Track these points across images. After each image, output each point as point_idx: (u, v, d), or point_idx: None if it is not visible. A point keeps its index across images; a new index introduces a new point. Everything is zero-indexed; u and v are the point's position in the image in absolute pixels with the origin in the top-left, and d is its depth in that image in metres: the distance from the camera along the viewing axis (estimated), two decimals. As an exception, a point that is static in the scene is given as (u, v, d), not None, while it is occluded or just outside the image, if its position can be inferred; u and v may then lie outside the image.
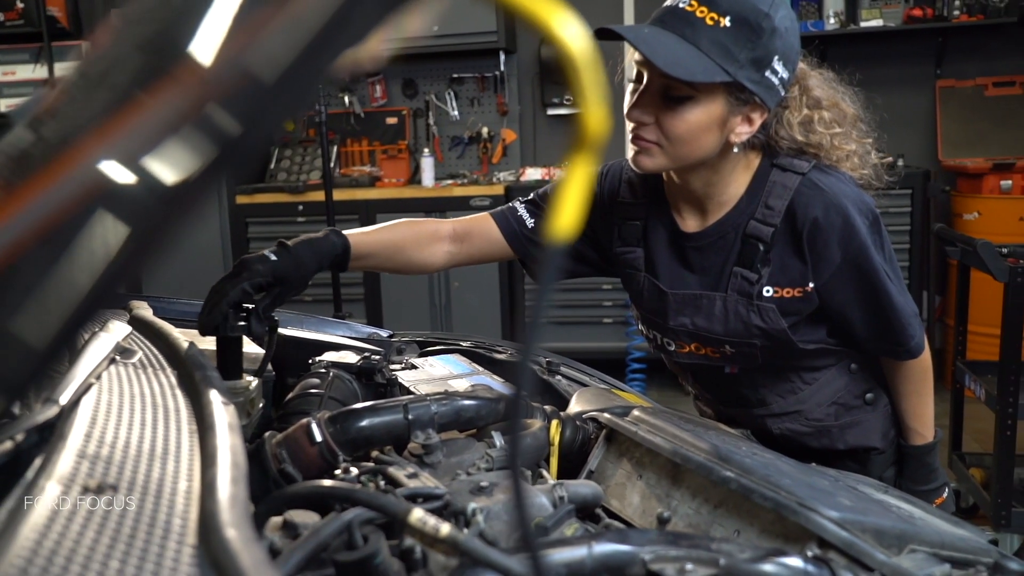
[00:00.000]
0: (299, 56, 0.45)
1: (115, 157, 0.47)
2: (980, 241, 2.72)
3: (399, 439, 1.02)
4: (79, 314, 0.51)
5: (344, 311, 3.74)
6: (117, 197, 0.47)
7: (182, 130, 0.46)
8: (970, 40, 4.61)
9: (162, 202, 0.48)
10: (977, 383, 2.88)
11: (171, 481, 0.62)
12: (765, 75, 1.21)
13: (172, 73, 0.48)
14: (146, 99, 0.48)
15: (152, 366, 0.93)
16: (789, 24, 1.23)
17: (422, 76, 5.13)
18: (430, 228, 1.50)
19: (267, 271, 1.19)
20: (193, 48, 0.48)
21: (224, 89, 0.46)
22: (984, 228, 4.10)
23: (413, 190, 4.79)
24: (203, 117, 0.46)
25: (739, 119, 1.25)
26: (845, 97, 1.36)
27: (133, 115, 0.48)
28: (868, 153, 1.37)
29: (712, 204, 1.36)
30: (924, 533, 0.92)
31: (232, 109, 0.46)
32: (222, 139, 0.46)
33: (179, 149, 0.46)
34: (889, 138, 4.94)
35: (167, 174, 0.46)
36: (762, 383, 1.41)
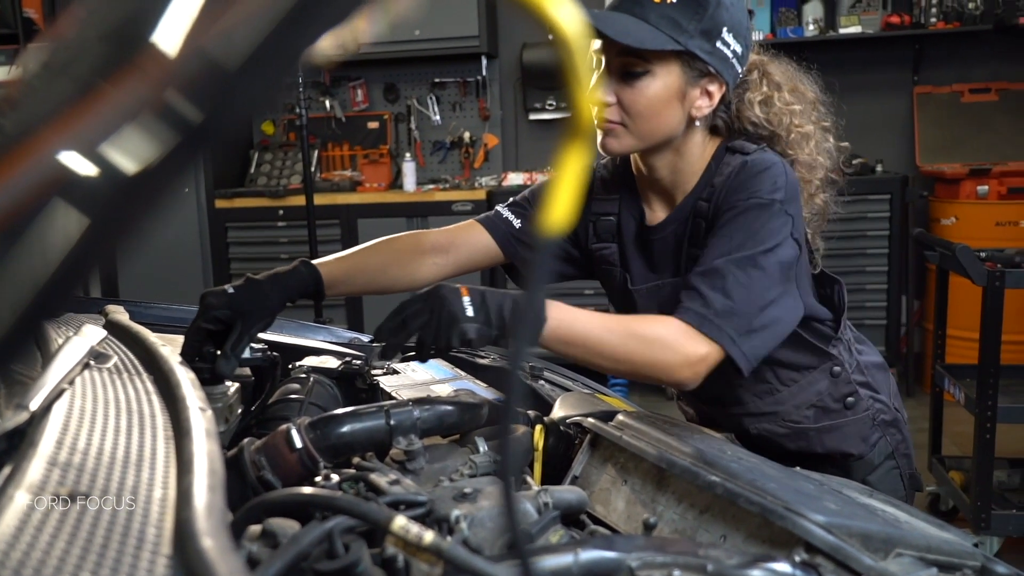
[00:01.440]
0: (263, 42, 0.44)
1: (75, 147, 0.46)
2: (959, 245, 2.74)
3: (381, 445, 1.01)
4: (39, 307, 0.49)
5: (325, 317, 3.72)
6: (77, 187, 0.46)
7: (142, 118, 0.45)
8: (947, 47, 4.66)
9: (123, 192, 0.46)
10: (956, 386, 2.90)
11: (146, 489, 0.60)
12: (716, 46, 1.25)
13: (135, 62, 0.46)
14: (108, 89, 0.46)
15: (128, 371, 0.91)
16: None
17: (404, 80, 5.12)
18: (410, 243, 1.48)
19: (222, 304, 1.18)
20: (157, 37, 0.46)
21: (185, 76, 0.45)
22: (961, 233, 4.13)
23: (394, 195, 4.76)
24: (163, 104, 0.44)
25: (698, 92, 1.28)
26: (804, 81, 1.39)
27: (94, 105, 0.46)
28: (826, 138, 1.39)
29: (679, 193, 1.37)
30: (910, 537, 0.91)
31: (193, 96, 0.44)
32: (183, 127, 0.44)
33: (139, 137, 0.44)
34: (868, 144, 5.01)
35: (127, 163, 0.45)
36: (738, 382, 1.39)
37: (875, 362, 1.46)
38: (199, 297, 1.21)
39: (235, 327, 1.18)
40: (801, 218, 1.28)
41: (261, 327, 1.22)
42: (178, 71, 0.44)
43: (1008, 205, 4.21)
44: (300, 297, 1.31)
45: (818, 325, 1.37)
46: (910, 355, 4.58)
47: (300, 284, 1.30)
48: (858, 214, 4.34)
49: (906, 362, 4.55)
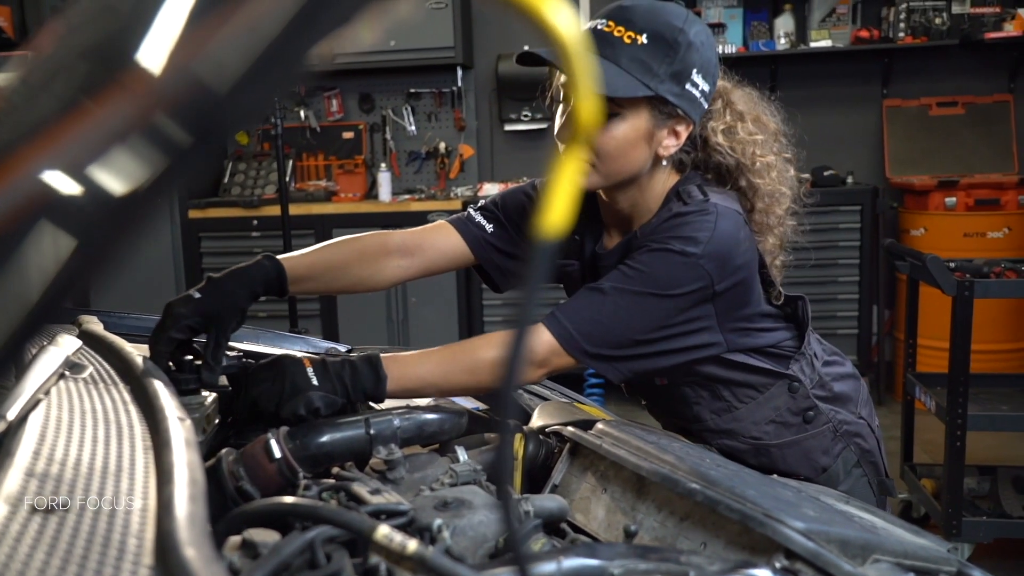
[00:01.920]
0: (254, 65, 0.43)
1: (60, 167, 0.45)
2: (929, 256, 2.78)
3: (361, 455, 1.00)
4: (23, 329, 0.48)
5: (300, 327, 3.69)
6: (62, 209, 0.45)
7: (130, 140, 0.44)
8: (915, 61, 4.75)
9: (110, 214, 0.45)
10: (927, 395, 2.94)
11: (125, 499, 0.59)
12: (686, 88, 1.25)
13: (119, 81, 0.46)
14: (92, 108, 0.46)
15: (104, 381, 0.90)
16: (704, 39, 1.27)
17: (379, 91, 5.11)
18: (376, 242, 1.45)
19: (190, 312, 1.16)
20: (141, 56, 0.46)
21: (175, 99, 0.45)
22: (930, 244, 4.20)
23: (370, 205, 4.75)
24: (153, 128, 0.44)
25: (665, 132, 1.28)
26: (766, 111, 1.40)
27: (79, 124, 0.46)
28: (788, 169, 1.40)
29: (636, 224, 1.37)
30: (888, 543, 0.92)
31: (183, 120, 0.44)
32: (172, 150, 0.44)
33: (127, 160, 0.44)
34: (839, 156, 5.07)
35: (114, 184, 0.44)
36: (694, 399, 1.40)
37: (844, 372, 1.47)
38: (164, 307, 1.18)
39: (210, 334, 1.16)
40: (734, 268, 1.25)
41: (234, 327, 1.20)
42: (167, 93, 0.43)
43: (975, 216, 4.29)
44: (265, 291, 1.28)
45: (773, 349, 1.38)
46: (881, 364, 4.64)
47: (264, 277, 1.27)
48: (829, 225, 4.39)
49: (877, 371, 4.60)
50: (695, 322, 1.26)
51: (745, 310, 1.32)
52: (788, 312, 1.41)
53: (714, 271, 1.23)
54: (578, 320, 1.22)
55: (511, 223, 1.50)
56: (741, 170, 1.34)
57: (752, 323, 1.33)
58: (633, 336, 1.23)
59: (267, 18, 0.44)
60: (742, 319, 1.31)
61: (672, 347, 1.27)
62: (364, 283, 1.45)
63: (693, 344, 1.29)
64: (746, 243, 1.28)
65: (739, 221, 1.28)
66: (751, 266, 1.30)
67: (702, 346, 1.29)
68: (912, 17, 4.56)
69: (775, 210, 1.36)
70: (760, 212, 1.36)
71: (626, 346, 1.23)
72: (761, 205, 1.35)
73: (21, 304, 0.47)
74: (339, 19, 0.43)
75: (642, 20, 1.23)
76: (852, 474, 1.44)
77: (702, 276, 1.22)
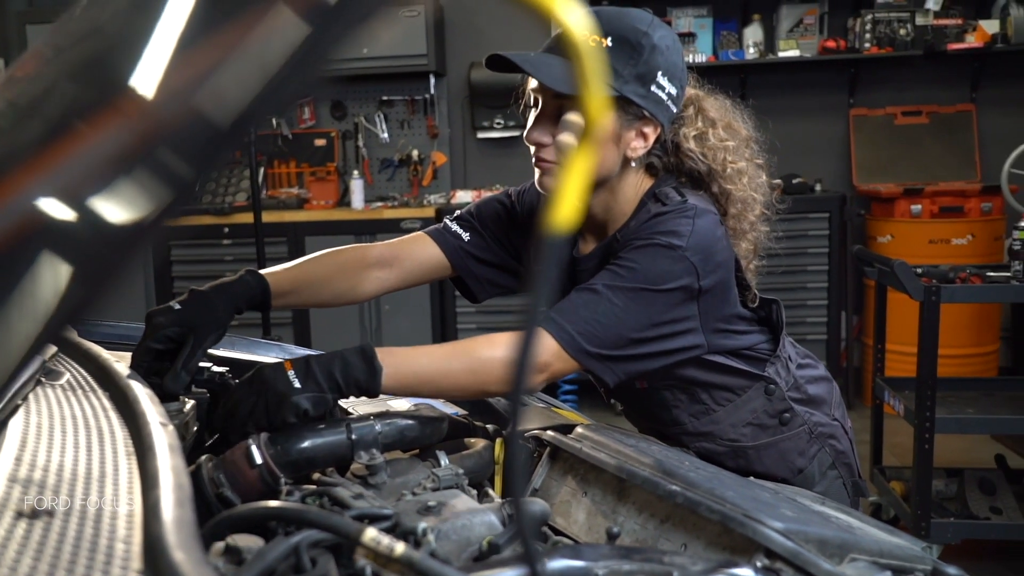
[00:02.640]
0: (256, 99, 0.43)
1: (56, 193, 0.45)
2: (897, 261, 2.82)
3: (342, 460, 1.00)
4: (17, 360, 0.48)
5: (273, 335, 3.66)
6: (58, 235, 0.45)
7: (130, 170, 0.44)
8: (880, 71, 4.83)
9: (108, 243, 0.45)
10: (896, 399, 2.98)
11: (111, 505, 0.59)
12: (651, 90, 1.27)
13: (114, 105, 0.46)
14: (87, 132, 0.45)
15: (81, 388, 0.89)
16: (670, 43, 1.29)
17: (351, 98, 5.10)
18: (355, 256, 1.47)
19: (170, 321, 1.15)
20: (135, 80, 0.45)
21: (176, 131, 0.44)
22: (897, 250, 4.27)
23: (342, 212, 4.73)
24: (155, 160, 0.44)
25: (633, 134, 1.30)
26: (738, 119, 1.42)
27: (74, 148, 0.45)
28: (759, 174, 1.42)
29: (611, 229, 1.39)
30: (864, 542, 0.94)
31: (186, 153, 0.44)
32: (175, 182, 0.44)
33: (128, 190, 0.44)
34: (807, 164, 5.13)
35: (115, 215, 0.44)
36: (673, 403, 1.42)
37: (817, 375, 1.49)
38: (145, 317, 1.17)
39: (186, 343, 1.15)
40: (715, 265, 1.27)
41: (213, 340, 1.19)
42: (168, 124, 0.43)
43: (940, 223, 4.37)
44: (248, 307, 1.29)
45: (750, 352, 1.39)
46: (850, 369, 4.70)
47: (247, 293, 1.28)
48: (799, 232, 4.45)
49: (846, 376, 4.66)
50: (683, 322, 1.27)
51: (724, 311, 1.33)
52: (763, 315, 1.43)
53: (699, 264, 1.24)
54: (576, 320, 1.21)
55: (487, 231, 1.51)
56: (713, 176, 1.36)
57: (730, 325, 1.35)
58: (629, 335, 1.23)
59: (270, 50, 0.44)
60: (722, 320, 1.33)
61: (664, 348, 1.28)
62: (344, 296, 1.47)
63: (681, 346, 1.30)
64: (724, 241, 1.30)
65: (716, 220, 1.30)
66: (729, 265, 1.32)
67: (689, 348, 1.31)
68: (877, 28, 4.64)
69: (747, 215, 1.38)
70: (733, 217, 1.37)
71: (623, 346, 1.23)
72: (734, 210, 1.36)
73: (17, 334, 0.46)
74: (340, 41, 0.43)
75: (607, 24, 1.26)
76: (827, 475, 1.46)
77: (689, 270, 1.23)
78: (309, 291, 1.41)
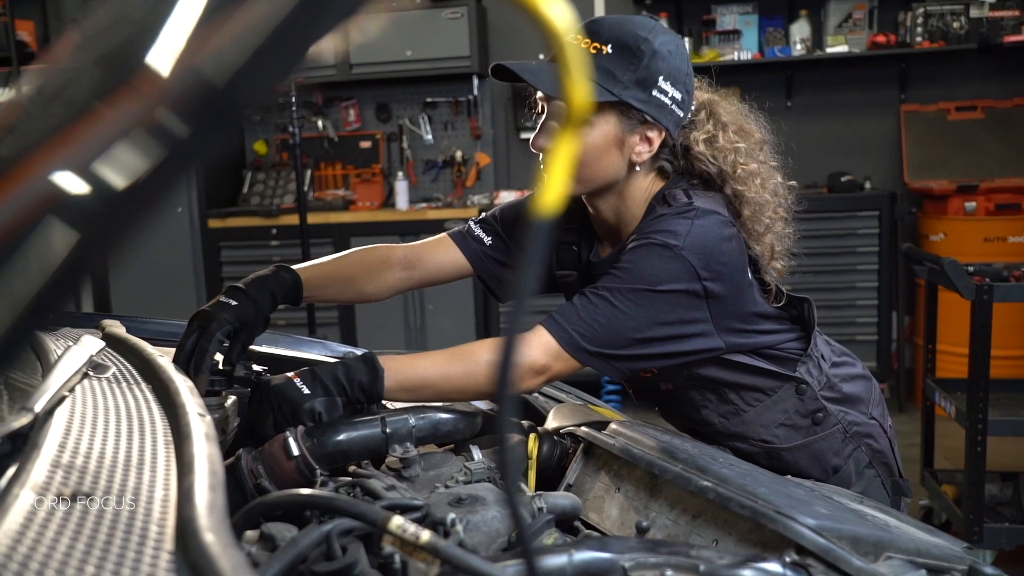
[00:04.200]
0: (252, 56, 0.45)
1: (69, 167, 0.47)
2: (947, 260, 2.76)
3: (377, 453, 1.02)
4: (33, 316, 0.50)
5: (319, 334, 3.72)
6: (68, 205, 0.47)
7: (132, 134, 0.46)
8: (932, 66, 4.73)
9: (112, 206, 0.47)
10: (947, 400, 2.92)
11: (147, 489, 0.61)
12: (653, 94, 1.28)
13: (130, 84, 0.48)
14: (103, 110, 0.47)
15: (126, 380, 0.92)
16: (673, 48, 1.30)
17: (396, 100, 5.15)
18: (381, 256, 1.53)
19: (233, 318, 1.23)
20: (151, 59, 0.47)
21: (175, 92, 0.46)
22: (950, 249, 4.17)
23: (387, 213, 4.78)
24: (153, 120, 0.46)
25: (636, 138, 1.31)
26: (751, 122, 1.42)
27: (89, 126, 0.47)
28: (773, 176, 1.41)
29: (625, 234, 1.39)
30: (900, 541, 0.93)
31: (181, 111, 0.46)
32: (171, 141, 0.46)
33: (128, 153, 0.46)
34: (856, 161, 5.05)
35: (117, 178, 0.46)
36: (701, 403, 1.41)
37: (854, 373, 1.47)
38: (205, 311, 1.24)
39: (238, 337, 1.25)
40: (720, 265, 1.26)
41: (258, 333, 1.29)
42: (169, 88, 0.45)
43: (996, 221, 4.26)
44: (283, 300, 1.36)
45: (777, 352, 1.38)
46: (901, 370, 4.61)
47: (282, 287, 1.36)
48: (847, 231, 4.38)
49: (898, 377, 4.57)
50: (693, 324, 1.27)
51: (742, 310, 1.33)
52: (794, 314, 1.42)
53: (697, 264, 1.24)
54: (576, 321, 1.24)
55: (509, 235, 1.54)
56: (724, 177, 1.35)
57: (749, 324, 1.34)
58: (632, 334, 1.25)
59: (266, 12, 0.45)
60: (739, 319, 1.33)
61: (671, 349, 1.29)
62: (367, 293, 1.54)
63: (694, 348, 1.30)
64: (731, 243, 1.29)
65: (721, 221, 1.29)
66: (739, 266, 1.31)
67: (703, 350, 1.31)
68: (930, 21, 4.54)
69: (762, 217, 1.36)
70: (748, 219, 1.37)
71: (625, 345, 1.25)
72: (748, 212, 1.36)
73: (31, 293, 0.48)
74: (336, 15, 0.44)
75: (608, 32, 1.27)
76: (864, 475, 1.44)
77: (687, 269, 1.24)
78: (336, 287, 1.50)
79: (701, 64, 3.01)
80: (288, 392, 1.08)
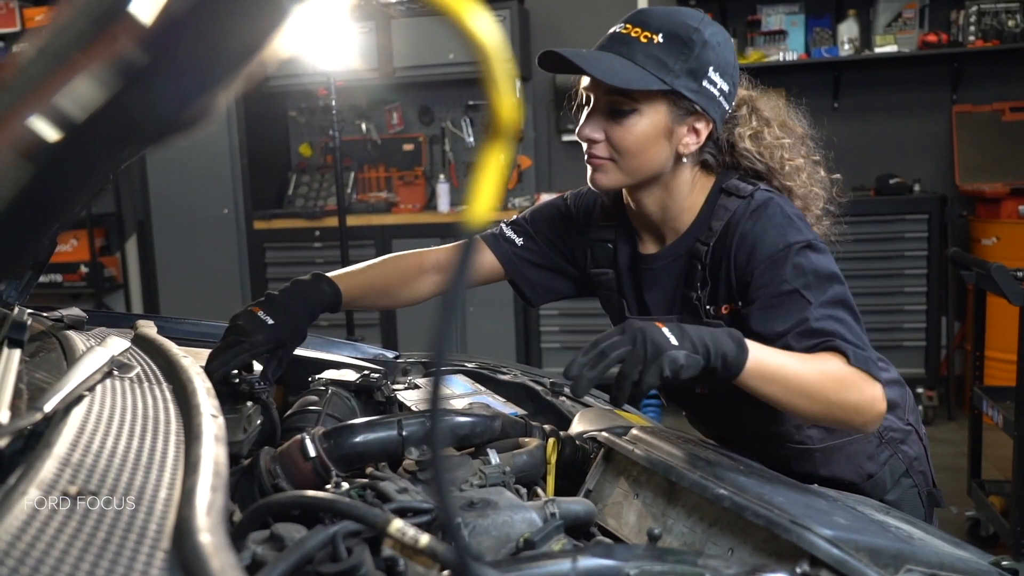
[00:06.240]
0: None
1: (42, 111, 0.47)
2: (994, 264, 2.69)
3: (393, 455, 1.02)
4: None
5: (357, 335, 3.76)
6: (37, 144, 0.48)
7: (91, 68, 0.46)
8: (986, 65, 4.60)
9: (75, 139, 0.48)
10: (995, 409, 2.84)
11: (152, 489, 0.63)
12: (703, 84, 1.27)
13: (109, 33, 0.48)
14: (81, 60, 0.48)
15: (149, 380, 0.94)
16: (721, 39, 1.29)
17: (438, 103, 5.18)
18: (414, 263, 1.54)
19: (266, 340, 1.27)
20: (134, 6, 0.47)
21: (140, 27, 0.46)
22: (1003, 253, 4.05)
23: (429, 216, 4.82)
24: (113, 52, 0.46)
25: (684, 129, 1.30)
26: (793, 117, 1.41)
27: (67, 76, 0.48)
28: (817, 171, 1.41)
29: (668, 230, 1.38)
30: (922, 553, 0.90)
31: (138, 40, 0.46)
32: (128, 71, 0.46)
33: (87, 85, 0.46)
34: (905, 163, 4.92)
35: (77, 111, 0.46)
36: (736, 404, 1.39)
37: (889, 378, 1.43)
38: (241, 327, 1.27)
39: (274, 356, 1.29)
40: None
41: (294, 350, 1.34)
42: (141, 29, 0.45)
43: (1051, 225, 4.13)
44: (323, 311, 1.39)
45: None
46: (951, 377, 4.49)
47: (323, 303, 1.39)
48: (896, 234, 4.28)
49: (947, 384, 4.45)
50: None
51: None
52: None
53: (815, 237, 1.27)
54: (859, 340, 1.18)
55: (541, 236, 1.53)
56: (772, 173, 1.35)
57: None
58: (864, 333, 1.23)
59: None
60: None
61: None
62: (402, 302, 1.57)
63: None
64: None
65: (786, 200, 1.32)
66: None
67: None
68: (983, 20, 4.42)
69: (812, 209, 1.37)
70: None
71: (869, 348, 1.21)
72: (799, 204, 1.35)
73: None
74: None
75: (658, 21, 1.27)
76: (900, 483, 1.41)
77: (826, 250, 1.26)
78: (373, 297, 1.53)
79: (746, 65, 2.99)
80: (655, 336, 1.02)
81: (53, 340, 1.10)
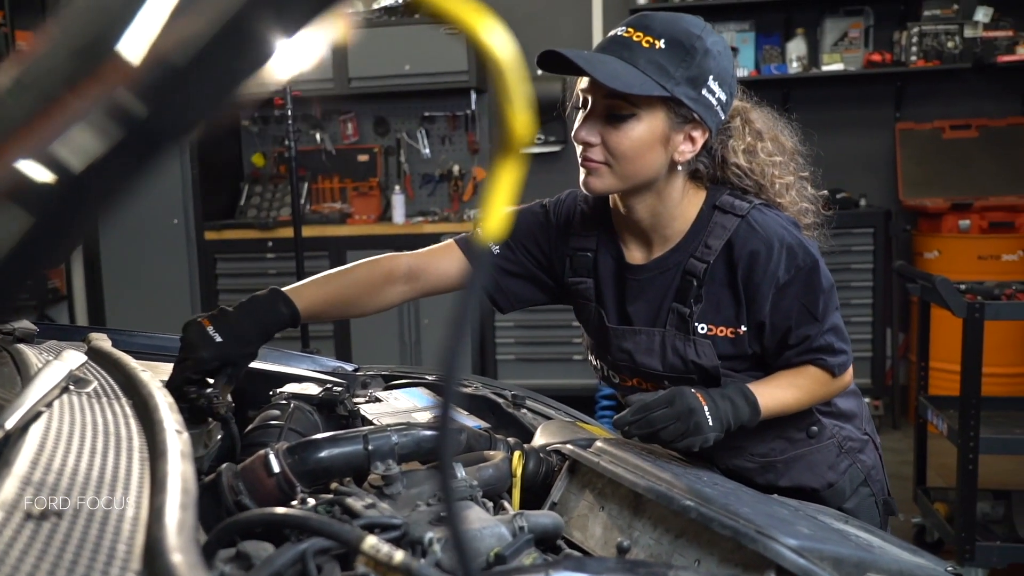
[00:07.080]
0: (214, 38, 0.45)
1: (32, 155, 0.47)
2: (938, 278, 2.77)
3: (359, 470, 1.01)
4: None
5: (312, 347, 3.71)
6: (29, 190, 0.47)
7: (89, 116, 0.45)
8: (927, 84, 4.75)
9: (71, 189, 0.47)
10: (939, 418, 2.91)
11: (118, 507, 0.61)
12: (702, 93, 1.27)
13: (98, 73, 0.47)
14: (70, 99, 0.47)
15: (107, 395, 0.92)
16: (721, 48, 1.30)
17: (393, 114, 5.16)
18: (384, 271, 1.49)
19: (211, 357, 1.22)
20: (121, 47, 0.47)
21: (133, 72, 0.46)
22: (944, 266, 4.18)
23: (384, 227, 4.79)
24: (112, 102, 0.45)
25: (681, 137, 1.30)
26: (784, 131, 1.43)
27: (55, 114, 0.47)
28: (805, 187, 1.43)
29: (657, 237, 1.38)
30: (882, 561, 0.92)
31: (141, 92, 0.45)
32: (130, 123, 0.45)
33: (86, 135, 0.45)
34: (851, 179, 5.03)
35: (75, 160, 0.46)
36: None
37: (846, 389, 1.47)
38: (188, 340, 1.22)
39: (221, 375, 1.24)
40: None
41: (243, 369, 1.28)
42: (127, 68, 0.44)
43: (990, 239, 4.26)
44: (278, 330, 1.32)
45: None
46: (896, 387, 4.60)
47: (279, 323, 1.31)
48: (842, 247, 4.38)
49: (892, 394, 4.56)
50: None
51: None
52: None
53: (815, 248, 1.36)
54: (842, 340, 1.37)
55: (516, 244, 1.50)
56: (762, 190, 1.37)
57: None
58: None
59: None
60: None
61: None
62: (367, 312, 1.51)
63: None
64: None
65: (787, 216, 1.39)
66: None
67: None
68: (924, 41, 4.56)
69: (802, 224, 1.39)
70: None
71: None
72: None
73: None
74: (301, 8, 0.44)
75: (660, 27, 1.27)
76: (859, 492, 1.44)
77: (816, 256, 1.35)
78: (337, 310, 1.46)
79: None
80: (700, 420, 1.23)
81: (4, 354, 1.07)
